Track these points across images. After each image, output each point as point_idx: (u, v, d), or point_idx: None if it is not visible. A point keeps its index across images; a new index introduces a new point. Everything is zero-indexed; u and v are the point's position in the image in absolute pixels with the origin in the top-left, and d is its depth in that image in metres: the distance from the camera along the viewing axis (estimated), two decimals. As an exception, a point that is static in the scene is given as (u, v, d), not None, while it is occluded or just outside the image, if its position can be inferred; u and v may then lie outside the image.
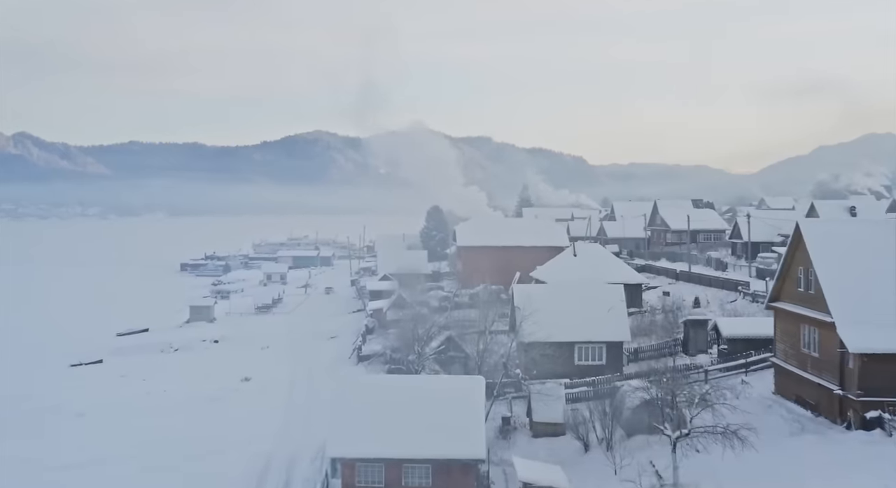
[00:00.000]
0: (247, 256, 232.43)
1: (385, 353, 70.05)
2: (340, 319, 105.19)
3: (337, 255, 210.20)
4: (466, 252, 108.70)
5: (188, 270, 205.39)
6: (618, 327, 56.42)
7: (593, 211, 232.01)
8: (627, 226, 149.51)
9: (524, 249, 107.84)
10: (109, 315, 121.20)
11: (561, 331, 55.08)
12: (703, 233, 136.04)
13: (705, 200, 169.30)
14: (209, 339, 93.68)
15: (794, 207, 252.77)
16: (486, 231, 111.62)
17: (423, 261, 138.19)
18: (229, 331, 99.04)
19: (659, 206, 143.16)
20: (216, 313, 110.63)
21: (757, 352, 51.68)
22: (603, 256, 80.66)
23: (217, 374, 74.78)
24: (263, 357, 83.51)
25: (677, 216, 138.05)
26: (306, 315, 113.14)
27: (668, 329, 67.16)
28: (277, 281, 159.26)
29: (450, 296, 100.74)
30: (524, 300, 57.13)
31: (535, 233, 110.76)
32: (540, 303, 56.28)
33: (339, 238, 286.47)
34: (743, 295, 74.66)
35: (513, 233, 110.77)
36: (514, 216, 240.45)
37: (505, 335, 73.79)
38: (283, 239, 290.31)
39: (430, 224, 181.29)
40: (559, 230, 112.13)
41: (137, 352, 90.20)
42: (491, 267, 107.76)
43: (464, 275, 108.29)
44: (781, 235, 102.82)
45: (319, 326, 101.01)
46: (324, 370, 71.45)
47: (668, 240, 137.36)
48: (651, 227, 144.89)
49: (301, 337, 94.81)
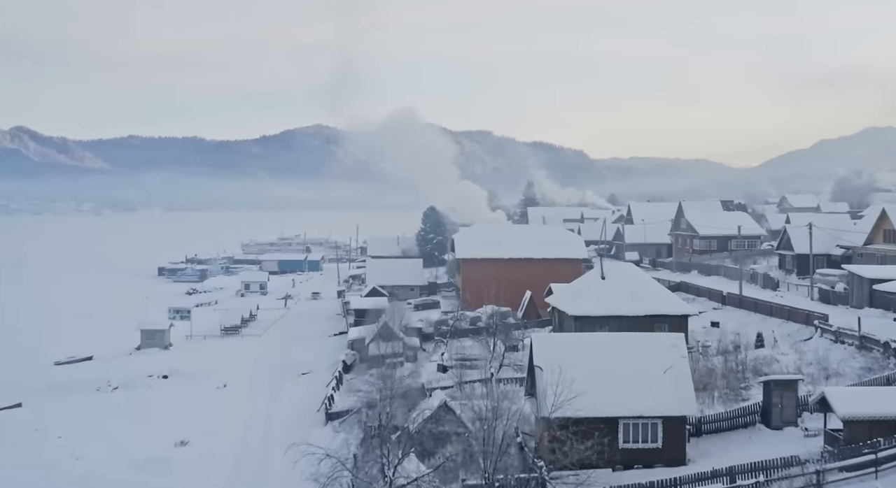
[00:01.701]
0: (231, 258, 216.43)
1: (360, 411, 54.12)
2: (319, 345, 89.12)
3: (327, 258, 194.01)
4: (467, 266, 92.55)
5: (165, 275, 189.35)
6: (679, 395, 40.25)
7: (604, 211, 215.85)
8: (648, 230, 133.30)
9: (535, 263, 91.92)
10: (58, 334, 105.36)
11: (599, 401, 38.98)
12: (736, 239, 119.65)
13: (736, 201, 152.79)
14: (157, 374, 77.68)
15: (819, 206, 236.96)
16: (490, 240, 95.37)
17: (418, 271, 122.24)
18: (184, 362, 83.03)
19: (685, 209, 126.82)
20: (174, 336, 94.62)
21: (888, 440, 35.59)
22: (638, 278, 64.46)
23: (150, 432, 58.97)
24: (215, 402, 67.46)
25: (706, 220, 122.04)
26: (280, 338, 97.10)
27: (731, 382, 51.11)
28: (256, 290, 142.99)
29: (448, 319, 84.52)
30: (546, 356, 41.04)
31: (547, 243, 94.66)
32: (567, 359, 40.20)
33: (332, 236, 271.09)
34: (821, 331, 58.44)
35: (521, 243, 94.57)
36: (519, 216, 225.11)
37: (516, 384, 58.05)
38: (274, 238, 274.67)
39: (426, 226, 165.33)
40: (575, 240, 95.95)
41: (69, 391, 74.34)
42: (496, 283, 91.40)
43: (465, 293, 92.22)
44: (842, 247, 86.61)
45: (292, 355, 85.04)
46: (283, 431, 55.42)
47: (696, 248, 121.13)
48: (675, 232, 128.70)
49: (268, 370, 78.88)
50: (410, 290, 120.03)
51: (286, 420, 59.34)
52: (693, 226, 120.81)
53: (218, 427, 59.59)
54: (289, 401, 65.23)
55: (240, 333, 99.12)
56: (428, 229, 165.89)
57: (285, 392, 69.27)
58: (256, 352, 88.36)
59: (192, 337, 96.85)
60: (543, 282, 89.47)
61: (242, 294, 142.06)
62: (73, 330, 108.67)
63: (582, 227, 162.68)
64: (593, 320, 60.35)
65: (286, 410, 62.57)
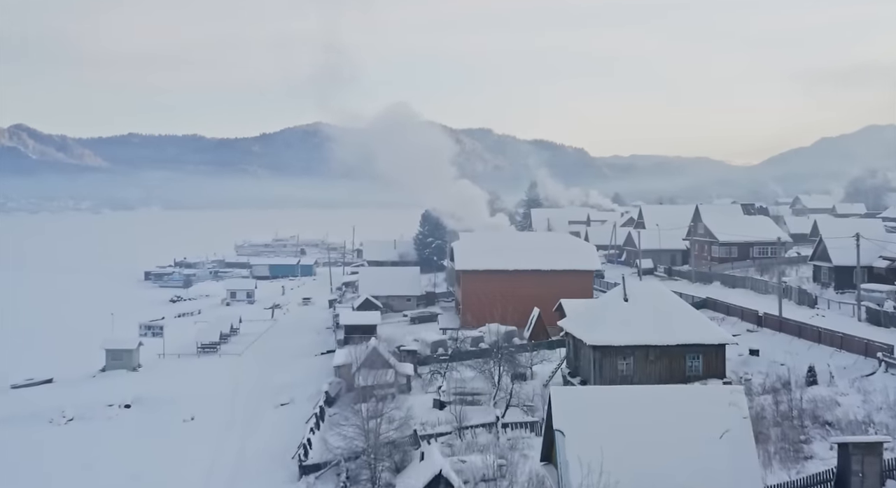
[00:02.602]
0: (222, 261, 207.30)
1: (339, 463, 45.47)
2: (303, 366, 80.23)
3: (321, 262, 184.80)
4: (468, 278, 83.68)
5: (152, 280, 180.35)
6: (739, 467, 31.37)
7: (610, 213, 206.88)
8: (662, 235, 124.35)
9: (543, 275, 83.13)
10: (22, 350, 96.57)
11: (639, 479, 30.14)
12: (758, 245, 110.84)
13: (757, 205, 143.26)
14: (119, 403, 68.78)
15: (835, 207, 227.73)
16: (492, 249, 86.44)
17: (415, 280, 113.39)
18: (152, 387, 74.15)
19: (702, 212, 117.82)
20: (146, 355, 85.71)
21: None
22: (665, 299, 55.49)
23: (94, 480, 50.31)
24: (178, 440, 58.60)
25: (725, 225, 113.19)
26: (263, 356, 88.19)
27: (787, 432, 42.31)
28: (243, 299, 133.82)
29: (447, 339, 75.69)
30: (569, 418, 32.07)
31: (555, 252, 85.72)
32: (595, 422, 31.45)
33: (329, 238, 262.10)
34: (885, 366, 49.58)
35: (527, 253, 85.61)
36: (522, 217, 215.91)
37: (526, 430, 49.32)
38: (268, 239, 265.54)
39: (424, 229, 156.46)
40: (587, 250, 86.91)
41: (18, 422, 65.71)
42: (500, 298, 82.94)
43: (465, 309, 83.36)
44: (886, 258, 77.66)
45: (273, 377, 76.20)
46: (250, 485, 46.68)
47: (714, 255, 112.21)
48: (692, 238, 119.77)
49: (244, 398, 70.06)
50: (406, 301, 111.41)
51: (255, 468, 50.56)
52: (712, 231, 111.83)
53: (175, 474, 50.88)
54: (262, 441, 56.39)
55: (218, 351, 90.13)
56: (426, 232, 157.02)
57: (260, 427, 60.46)
58: (234, 373, 79.48)
59: (166, 355, 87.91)
60: (552, 297, 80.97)
61: (228, 303, 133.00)
62: (40, 345, 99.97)
63: (589, 231, 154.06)
64: (615, 350, 51.74)
65: (258, 453, 53.75)
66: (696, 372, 52.29)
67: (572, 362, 57.40)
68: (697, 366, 52.37)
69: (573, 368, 56.87)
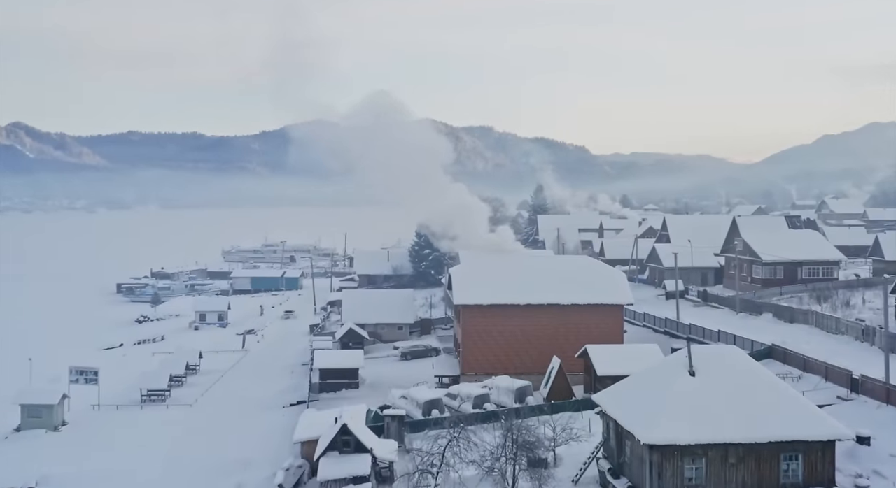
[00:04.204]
0: (204, 270, 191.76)
1: None
2: (265, 425, 64.53)
3: (308, 274, 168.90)
4: (470, 315, 67.79)
5: (123, 293, 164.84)
6: None
7: (624, 220, 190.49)
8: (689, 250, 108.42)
9: (563, 311, 67.43)
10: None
11: None
12: (808, 265, 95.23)
13: (804, 217, 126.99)
14: (21, 486, 53.11)
15: (866, 212, 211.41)
16: (499, 277, 70.39)
17: (407, 305, 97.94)
18: (69, 459, 58.49)
19: (741, 226, 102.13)
20: (78, 404, 70.12)
21: None
22: (745, 371, 39.81)
23: None
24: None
25: (769, 241, 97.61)
26: (219, 407, 72.50)
27: None
28: (214, 322, 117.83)
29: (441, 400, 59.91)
30: None
31: (577, 281, 69.86)
32: None
33: (321, 243, 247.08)
34: None
35: (542, 282, 69.65)
36: (527, 224, 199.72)
37: None
38: (258, 244, 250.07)
39: (420, 239, 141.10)
40: (615, 278, 70.80)
41: None
42: (510, 340, 67.68)
43: (466, 353, 67.59)
44: None
45: (225, 445, 60.48)
46: None
47: (756, 276, 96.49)
48: (727, 254, 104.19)
49: (188, 475, 54.46)
50: (398, 329, 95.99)
51: None
52: (753, 248, 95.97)
53: None
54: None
55: (167, 399, 74.34)
56: (423, 243, 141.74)
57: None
58: (177, 436, 63.71)
59: (101, 406, 72.13)
60: (574, 338, 65.71)
61: (196, 326, 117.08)
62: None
63: (605, 244, 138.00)
64: (681, 450, 36.22)
65: None
66: (795, 480, 37.08)
67: (614, 454, 41.76)
68: (796, 471, 37.18)
69: (615, 464, 41.26)
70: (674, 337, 74.11)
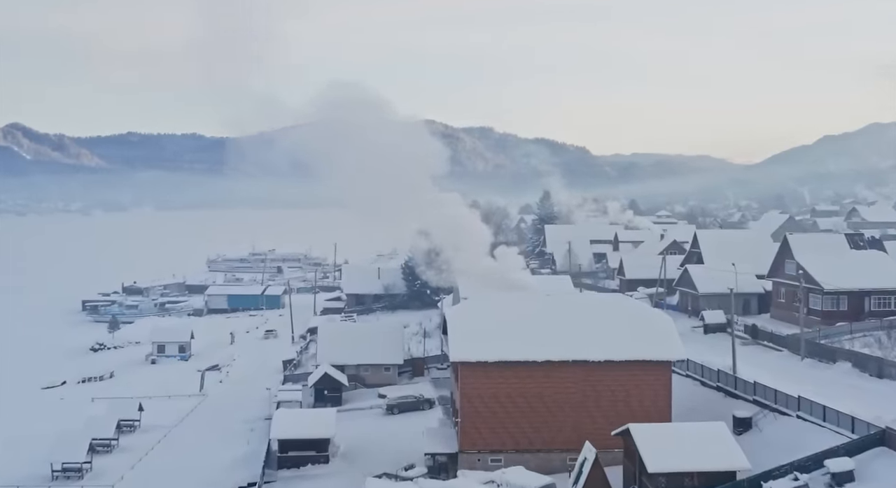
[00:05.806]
0: (182, 284, 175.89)
1: None
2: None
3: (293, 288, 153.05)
4: (470, 376, 51.46)
5: (87, 311, 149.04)
6: None
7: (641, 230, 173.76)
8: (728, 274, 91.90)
9: (592, 370, 51.40)
10: None
11: None
12: (877, 295, 79.16)
13: (869, 236, 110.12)
14: None
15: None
16: (507, 324, 53.95)
17: (396, 342, 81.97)
18: None
19: (794, 246, 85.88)
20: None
21: None
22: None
23: None
24: None
25: (829, 265, 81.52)
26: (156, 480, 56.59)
27: None
28: (174, 355, 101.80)
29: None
30: None
31: (609, 328, 53.55)
32: None
33: (312, 251, 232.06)
34: None
35: (563, 329, 53.30)
36: (532, 233, 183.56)
37: None
38: (245, 253, 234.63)
39: (415, 256, 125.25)
40: (660, 324, 54.37)
41: None
42: (523, 408, 51.77)
43: (466, 425, 51.36)
44: None
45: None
46: None
47: (813, 307, 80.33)
48: (775, 279, 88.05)
49: None
50: (384, 371, 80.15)
51: None
52: (811, 274, 79.62)
53: None
54: None
55: (83, 475, 58.31)
56: (419, 260, 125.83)
57: None
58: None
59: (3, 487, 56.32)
60: (608, 406, 50.03)
61: (154, 360, 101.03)
62: None
63: (624, 261, 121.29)
64: None
65: None
66: None
67: None
68: None
69: None
70: (731, 396, 57.96)
